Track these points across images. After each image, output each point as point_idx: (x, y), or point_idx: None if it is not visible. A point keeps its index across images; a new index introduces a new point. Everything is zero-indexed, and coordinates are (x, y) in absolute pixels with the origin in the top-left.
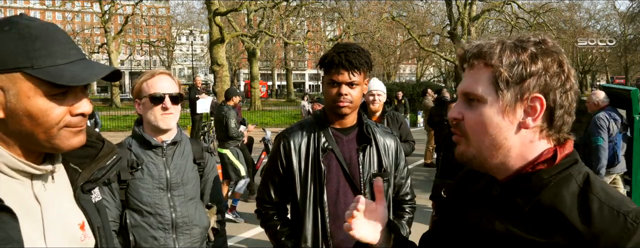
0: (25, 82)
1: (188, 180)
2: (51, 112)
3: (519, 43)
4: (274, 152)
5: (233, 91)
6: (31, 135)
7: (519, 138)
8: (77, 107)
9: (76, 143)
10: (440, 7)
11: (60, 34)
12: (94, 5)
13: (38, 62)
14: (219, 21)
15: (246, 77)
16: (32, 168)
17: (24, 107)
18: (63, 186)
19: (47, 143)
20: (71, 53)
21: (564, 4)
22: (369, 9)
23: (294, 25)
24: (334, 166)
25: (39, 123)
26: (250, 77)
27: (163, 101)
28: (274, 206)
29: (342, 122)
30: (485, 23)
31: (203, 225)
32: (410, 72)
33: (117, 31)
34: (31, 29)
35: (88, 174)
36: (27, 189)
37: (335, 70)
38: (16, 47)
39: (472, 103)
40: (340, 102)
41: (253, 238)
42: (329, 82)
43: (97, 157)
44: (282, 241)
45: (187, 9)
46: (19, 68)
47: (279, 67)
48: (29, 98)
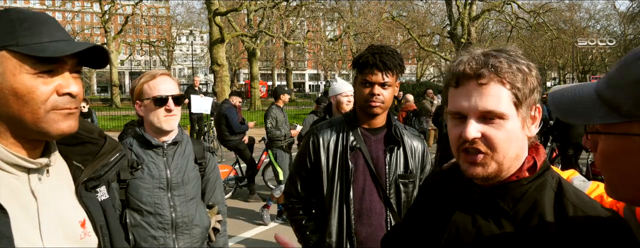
0: (11, 59)
1: (188, 180)
2: (36, 89)
3: (510, 56)
4: (303, 148)
5: (281, 89)
6: (19, 118)
7: (526, 147)
8: (63, 85)
9: (65, 127)
10: (440, 7)
11: (49, 19)
12: (94, 5)
13: (23, 40)
14: (219, 21)
15: (246, 77)
16: (25, 162)
17: (10, 85)
18: (64, 183)
19: (35, 127)
20: (57, 34)
21: (564, 4)
22: (369, 9)
23: (294, 25)
24: (361, 165)
25: (25, 101)
26: (250, 77)
27: (167, 103)
28: (300, 200)
29: (372, 122)
30: (485, 23)
31: (203, 225)
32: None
33: (117, 31)
34: (21, 13)
35: (90, 171)
36: (23, 184)
37: (369, 71)
38: (4, 28)
39: (493, 120)
40: (373, 101)
41: (253, 238)
42: (362, 82)
43: (99, 153)
44: (306, 235)
45: (187, 9)
46: (4, 46)
47: (279, 67)
48: (14, 76)
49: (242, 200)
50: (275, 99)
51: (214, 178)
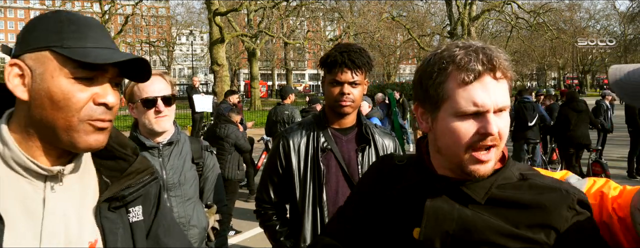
0: (52, 61)
1: (185, 181)
2: (72, 95)
3: (500, 52)
4: (273, 152)
5: (289, 89)
6: (51, 123)
7: None
8: (100, 95)
9: (93, 142)
10: (440, 7)
11: (97, 24)
12: (94, 5)
13: (68, 42)
14: (219, 21)
15: (246, 77)
16: (37, 167)
17: (47, 88)
18: (85, 197)
19: (65, 135)
20: (103, 41)
21: (564, 4)
22: (369, 9)
23: (294, 25)
24: (333, 166)
25: (60, 107)
26: (250, 77)
27: (156, 104)
28: (273, 206)
29: (342, 122)
30: (485, 23)
31: (201, 225)
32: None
33: (117, 31)
34: (70, 16)
35: (115, 189)
36: (36, 191)
37: (338, 70)
38: (52, 27)
39: (501, 114)
40: (343, 101)
41: (253, 238)
42: (331, 81)
43: (126, 171)
44: (281, 241)
45: (187, 9)
46: (48, 46)
47: (279, 67)
48: (53, 78)
49: (242, 200)
50: (282, 98)
51: (213, 178)
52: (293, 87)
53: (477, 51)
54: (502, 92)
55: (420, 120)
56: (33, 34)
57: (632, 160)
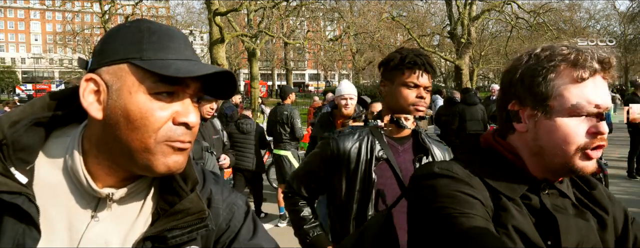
0: (130, 75)
1: None
2: (151, 114)
3: None
4: (319, 153)
5: (289, 89)
6: (124, 143)
7: None
8: (181, 114)
9: (172, 163)
10: (440, 7)
11: (179, 35)
12: (94, 5)
13: (147, 54)
14: (219, 21)
15: (246, 77)
16: (88, 186)
17: (123, 105)
18: (134, 228)
19: (139, 158)
20: (185, 53)
21: (564, 4)
22: (369, 9)
23: (294, 25)
24: (388, 177)
25: (136, 126)
26: (250, 77)
27: None
28: (303, 198)
29: (400, 130)
30: (485, 23)
31: None
32: None
33: None
34: (152, 25)
35: (159, 228)
36: (86, 209)
37: (417, 73)
38: (132, 38)
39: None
40: (420, 105)
41: None
42: (404, 84)
43: (173, 209)
44: (303, 229)
45: (187, 9)
46: (127, 58)
47: (279, 67)
48: (130, 94)
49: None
50: (283, 98)
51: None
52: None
53: (592, 50)
54: (608, 92)
55: (525, 120)
56: (111, 45)
57: (632, 160)
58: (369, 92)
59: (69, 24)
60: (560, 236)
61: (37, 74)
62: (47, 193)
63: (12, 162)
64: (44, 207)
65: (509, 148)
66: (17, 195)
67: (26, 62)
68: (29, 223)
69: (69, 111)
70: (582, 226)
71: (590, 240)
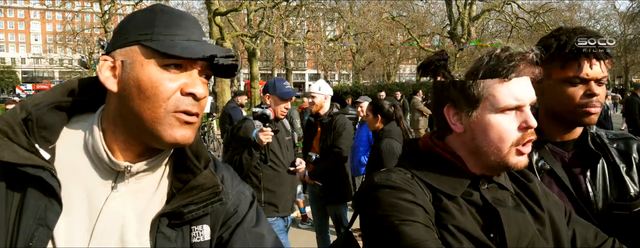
0: (140, 55)
1: None
2: (160, 84)
3: None
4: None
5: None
6: (138, 115)
7: None
8: (188, 84)
9: (179, 136)
10: (440, 7)
11: (190, 16)
12: (94, 5)
13: (158, 30)
14: (219, 21)
15: (246, 77)
16: (107, 159)
17: (135, 76)
18: (154, 205)
19: (151, 128)
20: (195, 32)
21: (564, 4)
22: (369, 9)
23: (294, 25)
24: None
25: (147, 96)
26: (250, 77)
27: None
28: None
29: (566, 134)
30: (485, 23)
31: None
32: (410, 72)
33: None
34: (165, 7)
35: (176, 205)
36: (105, 185)
37: (583, 62)
38: (145, 19)
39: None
40: (592, 106)
41: None
42: (566, 79)
43: (188, 186)
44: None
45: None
46: (138, 40)
47: (279, 67)
48: (142, 66)
49: None
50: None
51: None
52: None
53: (515, 50)
54: (532, 87)
55: (452, 122)
56: (127, 25)
57: None
58: (369, 92)
59: (69, 24)
60: (503, 228)
61: (37, 74)
62: (68, 170)
63: (36, 140)
64: (65, 183)
65: (447, 148)
66: (41, 169)
67: (26, 62)
68: (51, 196)
69: (87, 98)
70: (520, 218)
71: (529, 231)
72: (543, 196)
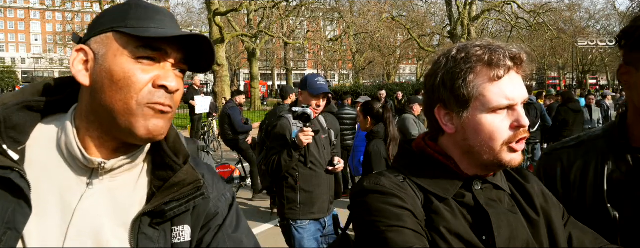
0: (115, 42)
1: None
2: (132, 75)
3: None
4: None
5: (289, 89)
6: (110, 107)
7: None
8: (161, 77)
9: (152, 127)
10: (440, 7)
11: (165, 11)
12: (94, 5)
13: (131, 22)
14: (219, 21)
15: (246, 77)
16: (81, 156)
17: (108, 67)
18: (132, 205)
19: (123, 120)
20: (167, 24)
21: (564, 4)
22: (369, 9)
23: (294, 25)
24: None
25: (120, 87)
26: (250, 77)
27: None
28: None
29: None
30: (485, 23)
31: None
32: (410, 72)
33: None
34: (141, 2)
35: (157, 203)
36: (79, 184)
37: None
38: (119, 11)
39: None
40: None
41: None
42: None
43: (168, 183)
44: None
45: (187, 9)
46: (112, 27)
47: (279, 67)
48: (115, 57)
49: (246, 199)
50: (283, 98)
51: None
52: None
53: (503, 48)
54: (524, 85)
55: (443, 123)
56: (101, 19)
57: None
58: (369, 92)
59: (69, 24)
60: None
61: (37, 74)
62: (38, 170)
63: (4, 140)
64: (35, 183)
65: (439, 150)
66: (10, 171)
67: (26, 62)
68: (20, 198)
69: (59, 98)
70: (513, 220)
71: (521, 232)
72: (540, 196)
